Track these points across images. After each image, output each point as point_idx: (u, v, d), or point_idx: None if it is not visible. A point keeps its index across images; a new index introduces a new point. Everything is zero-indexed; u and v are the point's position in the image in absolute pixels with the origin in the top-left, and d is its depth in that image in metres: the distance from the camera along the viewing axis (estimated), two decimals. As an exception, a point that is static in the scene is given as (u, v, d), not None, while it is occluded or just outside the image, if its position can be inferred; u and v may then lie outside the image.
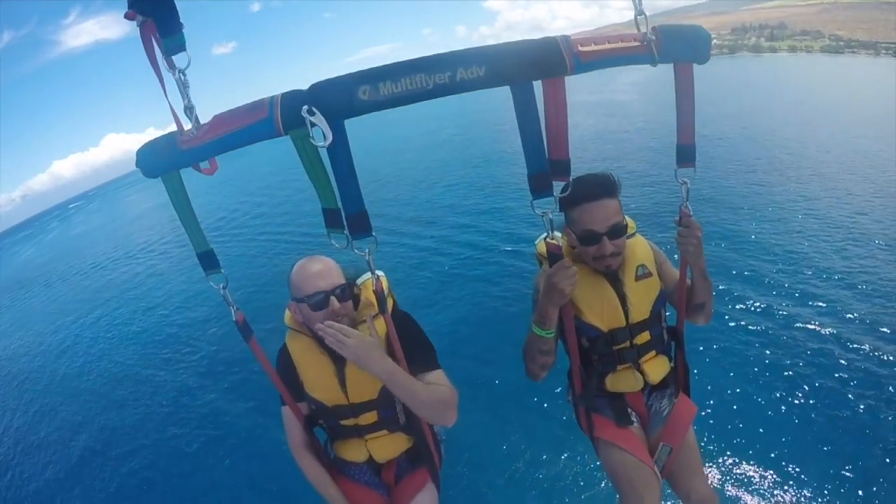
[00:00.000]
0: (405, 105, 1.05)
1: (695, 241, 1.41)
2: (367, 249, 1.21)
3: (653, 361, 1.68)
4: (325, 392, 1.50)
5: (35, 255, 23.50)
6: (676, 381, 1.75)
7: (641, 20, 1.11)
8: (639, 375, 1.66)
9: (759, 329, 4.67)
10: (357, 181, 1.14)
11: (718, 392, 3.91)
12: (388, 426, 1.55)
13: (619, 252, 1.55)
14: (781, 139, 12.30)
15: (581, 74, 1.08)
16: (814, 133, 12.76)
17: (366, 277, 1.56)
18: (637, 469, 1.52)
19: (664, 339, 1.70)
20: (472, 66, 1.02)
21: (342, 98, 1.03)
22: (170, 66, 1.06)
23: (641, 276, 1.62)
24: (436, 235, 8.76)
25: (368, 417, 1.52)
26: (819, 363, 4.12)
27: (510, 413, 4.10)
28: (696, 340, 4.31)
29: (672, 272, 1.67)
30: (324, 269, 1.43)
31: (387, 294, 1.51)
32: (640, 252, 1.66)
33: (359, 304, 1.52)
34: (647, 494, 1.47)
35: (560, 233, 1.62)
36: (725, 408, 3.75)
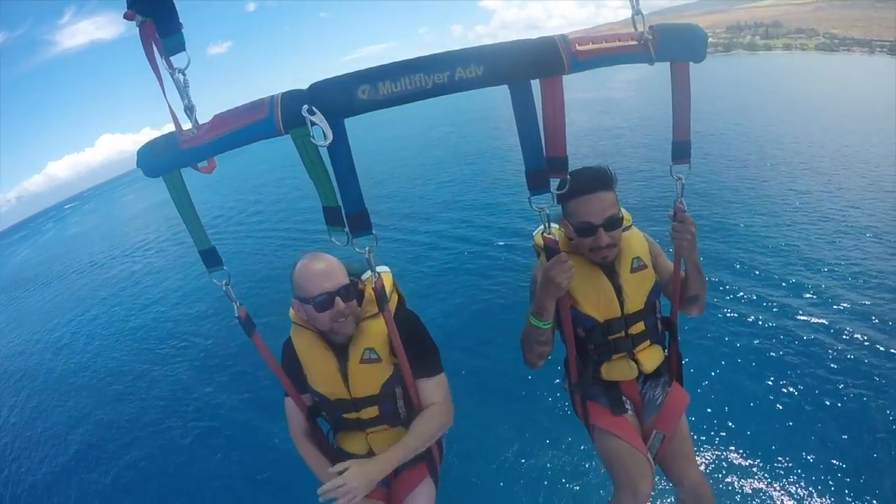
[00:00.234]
0: (404, 104, 1.06)
1: (689, 237, 1.44)
2: (368, 247, 1.22)
3: (647, 351, 1.71)
4: (328, 386, 1.52)
5: (31, 256, 23.24)
6: (670, 371, 1.79)
7: (639, 20, 1.12)
8: (633, 364, 1.69)
9: (751, 320, 4.74)
10: (357, 180, 1.15)
11: (711, 381, 3.99)
12: (389, 421, 1.57)
13: (615, 244, 1.57)
14: (775, 135, 12.33)
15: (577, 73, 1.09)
16: (807, 129, 12.79)
17: (370, 273, 1.58)
18: (631, 455, 1.57)
19: (658, 330, 1.73)
20: (471, 66, 1.03)
21: (342, 97, 1.03)
22: (169, 67, 1.06)
23: (637, 268, 1.65)
24: (430, 231, 8.78)
25: (370, 412, 1.54)
26: (809, 353, 4.21)
27: (501, 403, 4.14)
28: (690, 331, 4.36)
29: (667, 264, 1.70)
30: (328, 269, 1.42)
31: (391, 291, 1.52)
32: (636, 244, 1.69)
33: (363, 301, 1.53)
34: (641, 480, 1.51)
35: (557, 224, 1.65)
36: (717, 396, 3.83)
